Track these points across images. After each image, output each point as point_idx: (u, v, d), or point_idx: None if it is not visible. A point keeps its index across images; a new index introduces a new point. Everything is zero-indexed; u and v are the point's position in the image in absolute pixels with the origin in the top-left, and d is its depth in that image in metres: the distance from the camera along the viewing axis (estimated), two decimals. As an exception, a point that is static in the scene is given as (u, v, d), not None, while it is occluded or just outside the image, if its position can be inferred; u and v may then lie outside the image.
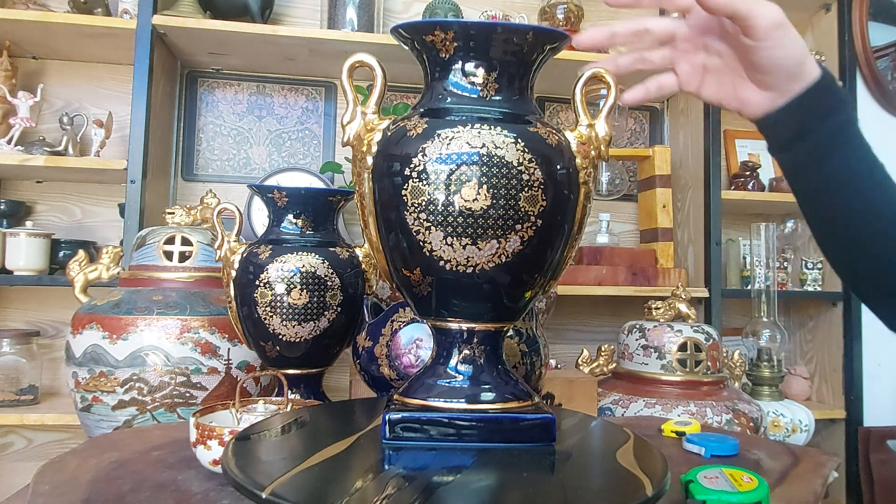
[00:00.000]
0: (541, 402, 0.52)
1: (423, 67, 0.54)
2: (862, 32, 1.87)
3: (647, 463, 0.47)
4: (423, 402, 0.50)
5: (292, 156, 1.77)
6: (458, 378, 0.51)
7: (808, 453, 0.73)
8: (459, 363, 0.51)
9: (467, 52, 0.50)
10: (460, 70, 0.51)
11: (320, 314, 0.82)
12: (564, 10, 1.71)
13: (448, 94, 0.51)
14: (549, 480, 0.43)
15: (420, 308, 0.53)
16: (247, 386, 1.00)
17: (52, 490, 0.54)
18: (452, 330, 0.52)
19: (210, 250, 1.05)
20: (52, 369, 1.57)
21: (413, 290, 0.51)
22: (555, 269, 0.52)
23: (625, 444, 0.52)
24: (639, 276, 1.67)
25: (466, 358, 0.51)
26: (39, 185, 1.64)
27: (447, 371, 0.52)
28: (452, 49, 0.50)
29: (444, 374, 0.52)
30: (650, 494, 0.40)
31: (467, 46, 0.50)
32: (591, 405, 1.03)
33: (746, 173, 1.85)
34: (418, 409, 0.49)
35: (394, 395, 0.52)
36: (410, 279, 0.50)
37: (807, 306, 1.97)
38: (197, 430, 0.58)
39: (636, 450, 0.51)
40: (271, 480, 0.40)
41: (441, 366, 0.52)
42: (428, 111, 0.51)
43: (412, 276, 0.50)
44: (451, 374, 0.51)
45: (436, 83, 0.52)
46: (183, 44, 1.56)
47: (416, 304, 0.54)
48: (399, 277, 0.52)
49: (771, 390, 1.58)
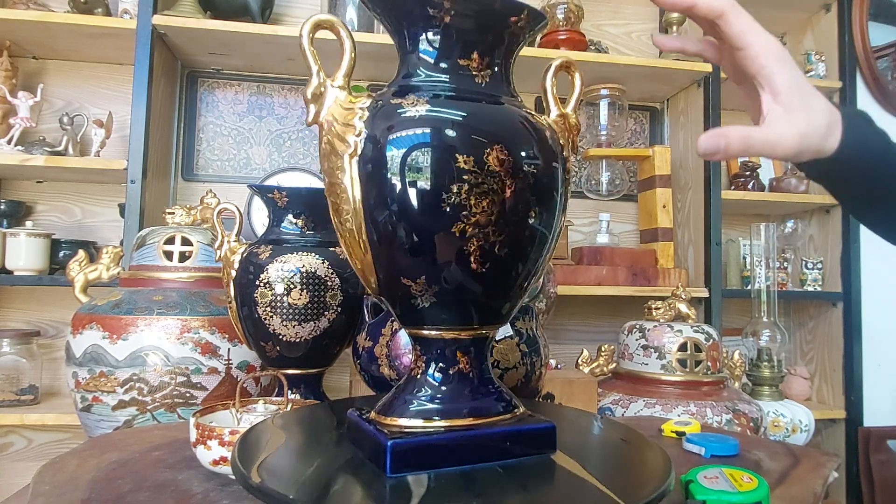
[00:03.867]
0: (525, 412, 0.49)
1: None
2: (862, 32, 1.87)
3: (651, 462, 0.47)
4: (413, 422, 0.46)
5: (292, 156, 1.77)
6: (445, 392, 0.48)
7: (808, 453, 0.73)
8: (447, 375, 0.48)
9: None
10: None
11: (320, 314, 0.82)
12: (564, 9, 1.71)
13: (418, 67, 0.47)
14: (549, 481, 0.43)
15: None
16: (247, 386, 1.00)
17: (52, 490, 0.54)
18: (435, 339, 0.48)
19: (210, 250, 1.05)
20: (52, 369, 1.57)
21: (412, 301, 0.47)
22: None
23: (627, 443, 0.52)
24: (639, 276, 1.67)
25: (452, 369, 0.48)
26: (39, 185, 1.64)
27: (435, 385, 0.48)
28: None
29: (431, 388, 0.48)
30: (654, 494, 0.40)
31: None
32: (591, 405, 1.03)
33: (746, 173, 1.86)
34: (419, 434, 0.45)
35: (374, 417, 0.47)
36: (411, 288, 0.46)
37: (807, 306, 1.97)
38: (197, 430, 0.58)
39: (639, 449, 0.51)
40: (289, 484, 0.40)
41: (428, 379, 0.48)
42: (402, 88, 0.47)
43: (414, 285, 0.46)
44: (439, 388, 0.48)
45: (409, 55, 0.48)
46: (183, 44, 1.56)
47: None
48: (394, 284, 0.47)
49: (771, 390, 1.58)
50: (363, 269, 0.47)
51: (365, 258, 0.46)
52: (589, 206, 1.90)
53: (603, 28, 1.96)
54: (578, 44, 1.70)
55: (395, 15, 0.48)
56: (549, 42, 1.68)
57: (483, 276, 0.45)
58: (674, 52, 1.61)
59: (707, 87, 1.74)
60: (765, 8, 1.89)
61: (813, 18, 1.96)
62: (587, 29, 1.84)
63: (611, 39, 1.95)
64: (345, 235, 0.46)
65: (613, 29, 1.97)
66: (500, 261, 0.45)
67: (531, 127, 0.46)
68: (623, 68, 1.67)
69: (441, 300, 0.46)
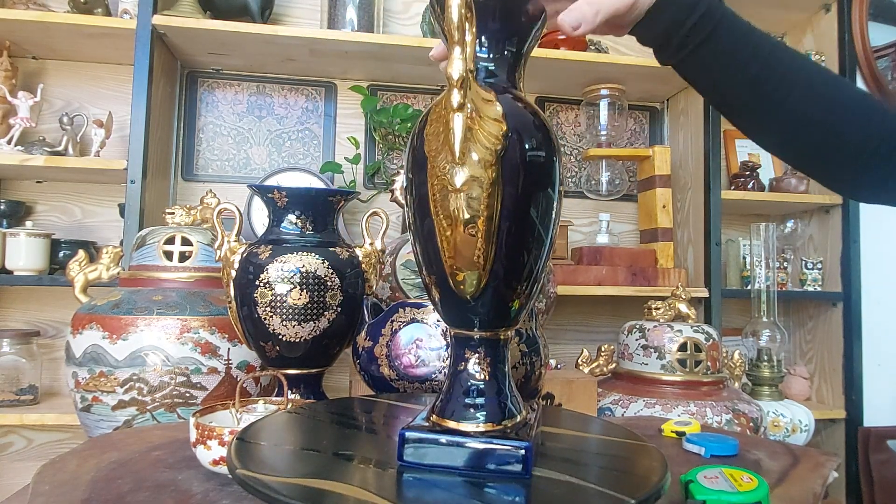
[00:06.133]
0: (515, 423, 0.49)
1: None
2: (862, 32, 1.87)
3: (647, 463, 0.47)
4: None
5: (292, 156, 1.77)
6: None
7: (808, 453, 0.73)
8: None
9: None
10: None
11: (320, 314, 0.82)
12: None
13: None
14: (549, 482, 0.43)
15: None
16: (247, 386, 1.00)
17: (52, 490, 0.54)
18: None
19: (210, 250, 1.05)
20: (52, 369, 1.57)
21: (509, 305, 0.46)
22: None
23: (624, 443, 0.52)
24: (639, 276, 1.67)
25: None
26: (39, 185, 1.64)
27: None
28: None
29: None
30: (649, 494, 0.40)
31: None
32: (591, 405, 1.03)
33: (746, 173, 1.86)
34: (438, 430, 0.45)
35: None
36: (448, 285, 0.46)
37: (807, 306, 1.97)
38: (197, 430, 0.58)
39: (636, 450, 0.51)
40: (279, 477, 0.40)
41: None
42: None
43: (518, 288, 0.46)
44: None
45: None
46: (183, 44, 1.56)
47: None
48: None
49: (771, 390, 1.58)
50: (461, 269, 0.44)
51: (478, 258, 0.44)
52: (589, 206, 1.90)
53: (603, 28, 1.96)
54: (578, 44, 1.70)
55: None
56: (549, 42, 1.68)
57: (513, 272, 0.45)
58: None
59: (707, 87, 1.73)
60: (765, 8, 1.89)
61: (813, 18, 1.96)
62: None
63: (611, 39, 1.95)
64: (448, 233, 0.44)
65: (613, 29, 1.96)
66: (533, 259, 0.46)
67: (540, 120, 0.46)
68: (623, 68, 1.67)
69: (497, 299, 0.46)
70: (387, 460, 0.46)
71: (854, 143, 0.59)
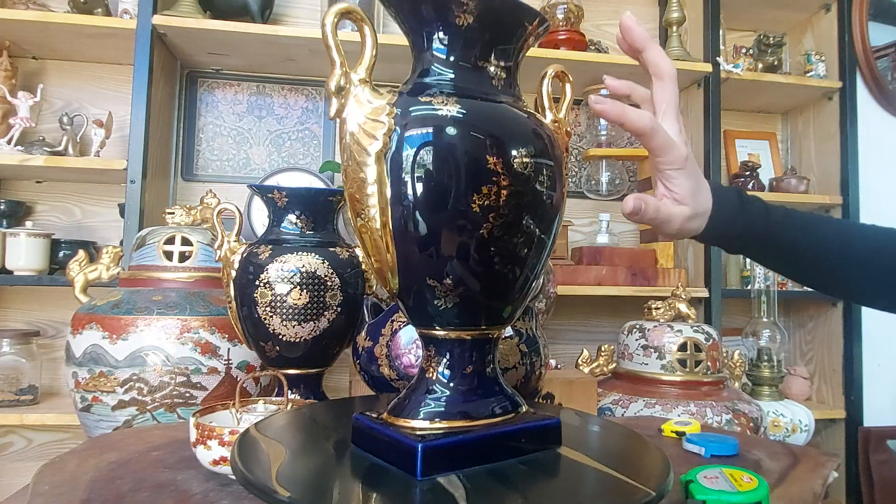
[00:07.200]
0: (528, 410, 0.50)
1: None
2: (862, 32, 1.87)
3: (649, 463, 0.47)
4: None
5: (292, 156, 1.77)
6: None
7: (808, 453, 0.73)
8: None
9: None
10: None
11: (320, 314, 0.82)
12: (564, 10, 1.71)
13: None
14: (550, 483, 0.43)
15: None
16: (247, 386, 1.00)
17: (52, 490, 0.54)
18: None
19: (210, 250, 1.05)
20: (52, 369, 1.57)
21: (435, 302, 0.46)
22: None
23: (626, 443, 0.52)
24: (639, 276, 1.67)
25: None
26: (39, 185, 1.64)
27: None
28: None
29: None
30: (652, 495, 0.40)
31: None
32: (591, 405, 1.03)
33: (746, 173, 1.86)
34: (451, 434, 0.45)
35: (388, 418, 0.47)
36: (436, 289, 0.46)
37: (807, 306, 1.97)
38: (197, 430, 0.58)
39: (638, 450, 0.51)
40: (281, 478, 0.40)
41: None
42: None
43: (439, 286, 0.46)
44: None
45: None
46: (183, 44, 1.56)
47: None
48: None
49: (771, 390, 1.58)
50: (382, 268, 0.46)
51: (386, 257, 0.45)
52: (589, 206, 1.90)
53: (603, 28, 1.96)
54: (578, 44, 1.70)
55: (415, 17, 0.49)
56: (549, 42, 1.68)
57: (502, 277, 0.46)
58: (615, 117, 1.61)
59: (707, 87, 1.74)
60: (765, 8, 1.89)
61: (813, 18, 1.96)
62: (587, 29, 1.85)
63: (611, 39, 1.95)
64: (365, 232, 0.45)
65: (613, 29, 1.97)
66: (519, 261, 0.46)
67: (543, 130, 0.47)
68: (623, 68, 1.67)
69: (463, 301, 0.46)
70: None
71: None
